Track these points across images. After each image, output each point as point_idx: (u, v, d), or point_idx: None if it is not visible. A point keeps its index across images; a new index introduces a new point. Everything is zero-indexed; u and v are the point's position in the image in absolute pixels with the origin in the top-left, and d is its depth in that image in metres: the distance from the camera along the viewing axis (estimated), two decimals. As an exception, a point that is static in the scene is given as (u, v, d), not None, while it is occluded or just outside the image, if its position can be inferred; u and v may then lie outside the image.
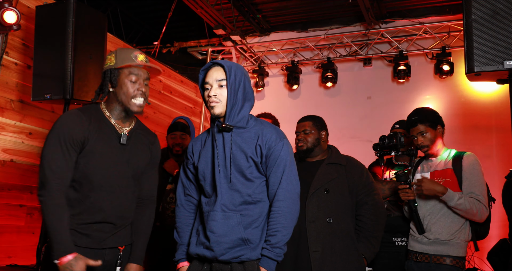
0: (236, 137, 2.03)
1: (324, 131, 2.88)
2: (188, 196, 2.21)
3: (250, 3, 5.82)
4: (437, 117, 2.87)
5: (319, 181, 2.70)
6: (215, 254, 1.96)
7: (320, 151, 2.85)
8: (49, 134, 2.02)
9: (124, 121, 2.16)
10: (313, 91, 6.27)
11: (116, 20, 6.08)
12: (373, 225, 2.68)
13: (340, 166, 2.76)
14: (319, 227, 2.60)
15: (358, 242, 2.65)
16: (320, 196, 2.66)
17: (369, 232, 2.67)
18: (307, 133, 2.83)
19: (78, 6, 3.14)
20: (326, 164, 2.77)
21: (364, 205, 2.70)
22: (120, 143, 2.11)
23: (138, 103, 2.11)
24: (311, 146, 2.82)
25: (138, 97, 2.10)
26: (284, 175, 2.01)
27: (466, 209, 2.60)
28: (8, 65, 3.48)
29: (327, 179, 2.70)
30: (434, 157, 2.87)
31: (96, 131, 2.05)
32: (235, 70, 2.03)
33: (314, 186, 2.67)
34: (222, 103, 2.02)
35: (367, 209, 2.69)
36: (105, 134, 2.08)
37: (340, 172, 2.74)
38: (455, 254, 2.64)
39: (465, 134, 5.35)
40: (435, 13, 5.67)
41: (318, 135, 2.84)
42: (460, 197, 2.62)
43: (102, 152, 2.05)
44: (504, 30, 2.27)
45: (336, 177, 2.71)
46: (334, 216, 2.62)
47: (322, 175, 2.72)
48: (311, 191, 2.64)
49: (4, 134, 3.43)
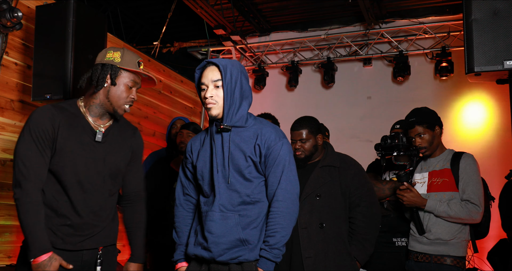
0: (234, 136, 2.01)
1: (319, 135, 2.83)
2: (187, 196, 2.19)
3: (250, 3, 5.81)
4: (435, 118, 2.86)
5: (311, 186, 2.69)
6: (213, 255, 1.94)
7: (317, 154, 2.83)
8: (22, 131, 1.98)
9: (103, 118, 2.11)
10: (313, 91, 6.26)
11: (116, 20, 6.07)
12: (366, 227, 2.66)
13: (334, 168, 2.75)
14: (311, 233, 2.61)
15: (350, 244, 2.65)
16: (311, 202, 2.66)
17: (361, 235, 2.65)
18: (304, 142, 2.78)
19: (78, 6, 3.14)
20: (320, 167, 2.76)
21: (356, 207, 2.69)
22: (95, 141, 2.05)
23: (127, 109, 2.11)
24: (309, 153, 2.79)
25: (129, 103, 2.10)
26: (283, 175, 2.00)
27: (450, 215, 2.62)
28: (8, 65, 3.48)
29: (319, 184, 2.69)
30: (432, 157, 2.87)
31: (67, 128, 1.99)
32: (231, 68, 1.99)
33: (305, 192, 2.66)
34: (218, 104, 1.99)
35: (359, 211, 2.68)
36: (77, 132, 2.02)
37: (333, 174, 2.73)
38: (456, 254, 2.64)
39: (465, 134, 5.35)
40: (435, 13, 5.66)
41: (315, 142, 2.80)
42: (441, 206, 2.64)
43: (73, 150, 1.99)
44: (504, 30, 2.27)
45: (328, 180, 2.70)
46: (326, 221, 2.62)
47: (314, 179, 2.71)
48: (302, 196, 2.61)
49: (4, 134, 3.43)
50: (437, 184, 2.76)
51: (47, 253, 1.87)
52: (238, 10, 5.82)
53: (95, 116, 2.09)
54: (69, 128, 2.00)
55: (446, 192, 2.71)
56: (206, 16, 5.51)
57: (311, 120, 2.85)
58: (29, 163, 1.92)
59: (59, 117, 1.99)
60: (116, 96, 2.05)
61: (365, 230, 2.66)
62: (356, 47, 5.93)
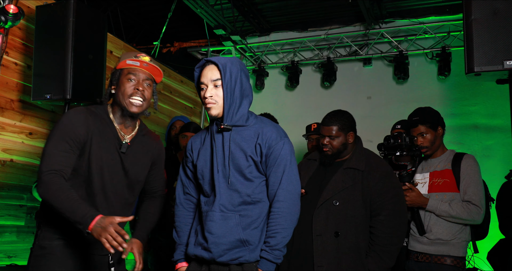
0: (235, 135, 1.99)
1: (351, 133, 2.63)
2: (187, 195, 2.18)
3: (250, 3, 5.81)
4: (438, 118, 2.86)
5: (330, 190, 2.51)
6: (213, 256, 1.93)
7: (346, 152, 2.63)
8: (54, 130, 1.97)
9: (127, 126, 2.12)
10: (313, 91, 6.26)
11: (116, 20, 6.07)
12: (386, 238, 2.43)
13: (358, 171, 2.53)
14: (326, 241, 2.44)
15: (367, 256, 2.44)
16: (329, 208, 2.48)
17: (380, 246, 2.43)
18: (333, 138, 2.59)
19: (78, 6, 3.14)
20: (344, 169, 2.56)
21: (377, 216, 2.47)
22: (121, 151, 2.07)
23: (135, 103, 2.03)
24: (336, 151, 2.60)
25: (135, 96, 2.03)
26: (284, 174, 1.98)
27: (451, 215, 2.62)
28: (8, 65, 3.48)
29: (340, 188, 2.50)
30: (433, 158, 2.87)
31: (99, 134, 2.01)
32: (230, 67, 1.97)
33: (323, 197, 2.50)
34: (218, 104, 1.98)
35: (380, 220, 2.46)
36: (107, 139, 2.04)
37: (356, 178, 2.51)
38: (456, 254, 2.64)
39: (465, 134, 5.35)
40: (435, 13, 5.66)
41: (344, 139, 2.60)
42: (443, 205, 2.63)
43: (101, 156, 2.01)
44: (504, 30, 2.26)
45: (350, 185, 2.50)
46: (343, 229, 2.45)
47: (335, 183, 2.52)
48: (320, 201, 2.49)
49: (4, 134, 3.43)
50: (438, 185, 2.76)
51: (96, 216, 1.78)
52: (238, 10, 5.81)
53: (119, 123, 2.10)
54: (101, 134, 2.02)
55: (447, 192, 2.71)
56: (206, 16, 5.51)
57: (344, 116, 2.64)
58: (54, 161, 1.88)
59: (93, 123, 2.01)
60: (121, 94, 2.05)
61: (384, 241, 2.43)
62: (356, 47, 5.92)
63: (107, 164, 2.03)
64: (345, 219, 2.46)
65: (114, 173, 2.05)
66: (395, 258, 2.47)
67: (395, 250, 2.47)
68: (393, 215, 2.47)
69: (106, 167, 2.03)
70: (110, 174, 2.03)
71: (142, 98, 2.05)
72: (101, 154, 2.01)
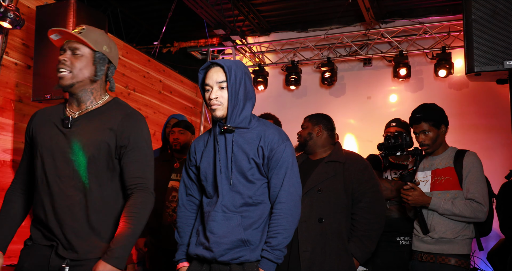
0: (238, 138, 2.01)
1: (317, 127, 2.89)
2: (190, 196, 2.19)
3: (250, 3, 5.81)
4: (442, 116, 2.82)
5: (313, 180, 2.69)
6: (214, 255, 1.94)
7: (318, 147, 2.86)
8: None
9: (71, 103, 1.91)
10: (313, 91, 6.27)
11: (116, 20, 6.08)
12: (366, 224, 2.62)
13: (339, 163, 2.73)
14: (310, 227, 2.60)
15: (349, 241, 2.61)
16: (312, 196, 2.66)
17: (361, 231, 2.61)
18: (304, 128, 2.91)
19: (78, 6, 3.14)
20: (325, 162, 2.76)
21: (358, 203, 2.66)
22: (64, 127, 1.82)
23: (59, 75, 1.82)
24: (302, 140, 2.90)
25: (59, 67, 1.82)
26: (286, 177, 2.00)
27: (454, 213, 2.59)
28: (8, 65, 3.48)
29: (322, 178, 2.69)
30: (435, 155, 2.84)
31: (43, 123, 1.90)
32: (235, 69, 1.99)
33: (307, 186, 2.66)
34: (223, 105, 1.99)
35: (361, 207, 2.64)
36: (49, 124, 1.87)
37: (338, 170, 2.71)
38: (461, 252, 2.62)
39: (465, 134, 5.35)
40: (435, 13, 5.66)
41: (311, 130, 2.88)
42: (446, 204, 2.61)
43: (42, 142, 1.84)
44: (504, 30, 2.27)
45: (332, 175, 2.69)
46: (326, 216, 2.61)
47: (317, 174, 2.71)
48: (303, 190, 2.59)
49: (4, 134, 3.43)
50: (440, 183, 2.73)
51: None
52: (238, 10, 5.82)
53: (69, 104, 1.93)
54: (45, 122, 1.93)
55: (450, 190, 2.69)
56: (206, 16, 5.51)
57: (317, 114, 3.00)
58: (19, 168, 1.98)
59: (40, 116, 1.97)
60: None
61: (365, 226, 2.61)
62: (356, 47, 5.92)
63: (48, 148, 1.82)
64: (329, 206, 2.64)
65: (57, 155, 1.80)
66: (375, 243, 2.64)
67: (376, 236, 2.64)
68: (373, 202, 2.65)
69: (48, 151, 1.81)
70: (51, 157, 1.79)
71: (64, 68, 1.82)
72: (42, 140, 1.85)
